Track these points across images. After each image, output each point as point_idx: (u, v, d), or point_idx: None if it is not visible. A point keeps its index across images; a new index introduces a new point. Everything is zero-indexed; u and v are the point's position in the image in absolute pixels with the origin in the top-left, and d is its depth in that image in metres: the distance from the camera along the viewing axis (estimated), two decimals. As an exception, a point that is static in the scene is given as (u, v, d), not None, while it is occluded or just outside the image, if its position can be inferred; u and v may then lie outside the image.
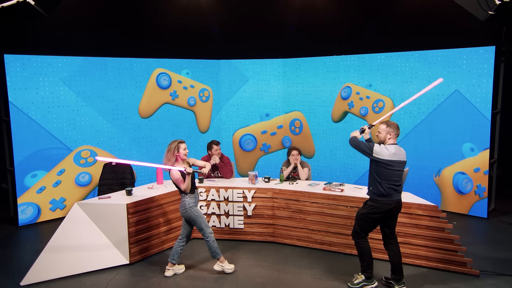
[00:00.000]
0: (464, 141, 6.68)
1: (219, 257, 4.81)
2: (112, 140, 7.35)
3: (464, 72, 6.59)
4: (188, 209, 4.66)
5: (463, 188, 6.75)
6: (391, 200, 4.22)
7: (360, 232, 4.37)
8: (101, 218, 5.09)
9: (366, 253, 4.37)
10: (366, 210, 4.33)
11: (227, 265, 4.84)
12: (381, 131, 4.33)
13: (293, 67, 8.24)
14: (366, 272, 4.41)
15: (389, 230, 4.38)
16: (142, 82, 7.58)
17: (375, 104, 7.39)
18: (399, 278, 4.37)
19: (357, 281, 4.45)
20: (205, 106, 8.34)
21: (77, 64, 6.93)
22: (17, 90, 6.45)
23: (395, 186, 4.22)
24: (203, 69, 8.21)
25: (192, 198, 4.69)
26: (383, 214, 4.25)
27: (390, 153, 4.19)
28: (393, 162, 4.18)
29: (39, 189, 6.74)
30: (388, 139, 4.30)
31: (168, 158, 4.60)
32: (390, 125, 4.30)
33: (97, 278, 4.81)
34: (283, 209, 5.56)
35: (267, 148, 8.55)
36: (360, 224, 4.36)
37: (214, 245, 4.73)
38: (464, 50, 6.57)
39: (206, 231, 4.70)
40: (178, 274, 4.87)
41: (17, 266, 5.19)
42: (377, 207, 4.25)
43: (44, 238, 5.94)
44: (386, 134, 4.30)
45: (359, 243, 4.38)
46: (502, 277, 4.67)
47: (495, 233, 6.12)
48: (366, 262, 4.39)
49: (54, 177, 6.85)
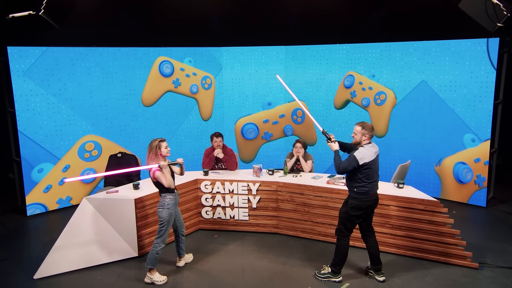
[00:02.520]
0: (465, 132, 6.76)
1: (152, 269, 4.66)
2: (116, 129, 7.40)
3: (466, 63, 6.61)
4: (165, 209, 4.58)
5: (463, 177, 6.86)
6: (372, 197, 4.42)
7: (344, 231, 4.53)
8: (109, 212, 5.19)
9: (343, 251, 4.55)
10: (348, 208, 4.48)
11: (157, 277, 4.66)
12: (357, 132, 4.47)
13: (296, 55, 8.23)
14: (335, 266, 4.60)
15: (366, 224, 4.59)
16: (145, 71, 7.59)
17: (377, 96, 7.43)
18: (377, 268, 4.61)
19: (323, 271, 4.68)
20: (207, 93, 8.36)
21: (79, 54, 6.92)
22: (20, 81, 6.46)
23: (375, 181, 4.44)
24: (205, 57, 8.20)
25: (171, 199, 4.62)
26: (365, 210, 4.45)
27: (371, 153, 4.37)
28: (375, 160, 4.39)
29: (46, 188, 6.84)
30: (363, 140, 4.45)
31: (150, 157, 4.57)
32: (364, 127, 4.45)
33: (107, 271, 4.95)
34: (288, 202, 5.67)
35: (269, 137, 8.62)
36: (344, 223, 4.52)
37: (155, 256, 4.60)
38: (469, 41, 6.58)
39: (160, 240, 4.59)
40: (188, 262, 5.07)
41: (29, 258, 5.33)
42: (358, 205, 4.42)
43: (53, 229, 6.09)
44: (362, 136, 4.44)
45: (341, 241, 4.55)
46: (500, 270, 4.82)
47: (494, 223, 6.26)
48: (339, 259, 4.57)
49: (59, 174, 6.92)
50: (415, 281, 4.62)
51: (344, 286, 4.56)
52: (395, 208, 5.07)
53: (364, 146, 4.42)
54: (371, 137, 4.45)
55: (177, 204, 4.78)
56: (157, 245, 4.60)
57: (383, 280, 4.57)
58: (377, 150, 4.46)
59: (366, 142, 4.43)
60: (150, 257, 4.62)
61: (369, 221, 4.59)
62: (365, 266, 4.85)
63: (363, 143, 4.43)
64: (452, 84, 6.76)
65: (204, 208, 5.94)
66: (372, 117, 7.56)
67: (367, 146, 4.41)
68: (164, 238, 4.62)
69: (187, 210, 5.81)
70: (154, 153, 4.57)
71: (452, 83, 6.77)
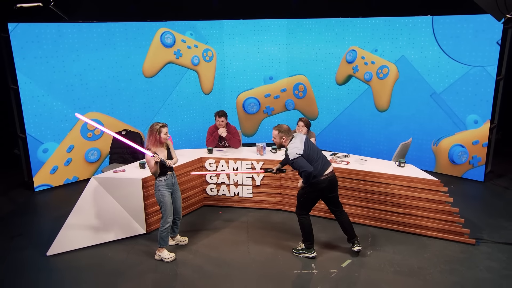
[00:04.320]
0: (469, 113, 6.77)
1: (161, 247, 4.83)
2: (118, 106, 7.43)
3: (474, 39, 6.58)
4: (157, 190, 4.73)
5: (458, 159, 6.98)
6: (324, 178, 4.59)
7: (303, 211, 4.79)
8: (117, 191, 5.32)
9: (307, 228, 4.79)
10: (303, 191, 4.71)
11: (166, 254, 4.84)
12: (275, 136, 4.74)
13: (298, 28, 8.16)
14: (306, 243, 4.85)
15: (330, 204, 4.84)
16: (147, 46, 7.54)
17: (380, 70, 7.43)
18: (353, 241, 4.85)
19: (299, 247, 4.94)
20: (209, 66, 8.32)
21: (83, 31, 6.86)
22: (23, 58, 6.43)
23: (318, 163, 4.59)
24: (206, 30, 8.12)
25: (163, 181, 4.71)
26: (319, 193, 4.68)
27: (299, 144, 4.56)
28: (306, 147, 4.57)
29: (52, 169, 6.94)
30: (283, 142, 4.70)
31: (150, 140, 4.67)
32: (280, 130, 4.69)
33: (117, 248, 5.13)
34: (291, 180, 5.80)
35: (270, 111, 8.66)
36: (301, 203, 4.77)
37: (163, 234, 4.76)
38: (470, 16, 6.52)
39: (165, 219, 4.75)
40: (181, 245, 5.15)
41: (40, 235, 5.51)
42: (311, 188, 4.63)
43: (61, 205, 6.26)
44: (280, 139, 4.71)
45: (301, 219, 4.79)
46: (496, 245, 5.02)
47: (491, 198, 6.42)
48: (306, 235, 4.81)
49: (64, 154, 7.01)
50: (414, 257, 4.81)
51: (345, 262, 4.75)
52: (396, 187, 5.20)
53: (289, 144, 4.63)
54: (290, 136, 4.67)
55: (173, 185, 4.81)
56: (161, 225, 4.77)
57: (358, 250, 4.81)
58: (302, 137, 4.67)
59: (287, 142, 4.67)
60: (159, 236, 4.79)
61: (333, 202, 4.81)
62: (364, 244, 5.03)
63: (286, 144, 4.67)
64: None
65: (209, 186, 6.07)
66: (374, 91, 7.59)
67: (291, 143, 4.62)
68: (166, 217, 4.75)
69: (192, 188, 5.95)
70: (154, 137, 4.65)
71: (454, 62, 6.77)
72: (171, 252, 4.90)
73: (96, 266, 4.78)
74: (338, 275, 4.54)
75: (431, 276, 4.47)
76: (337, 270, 4.62)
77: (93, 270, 4.72)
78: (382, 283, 4.40)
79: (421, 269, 4.60)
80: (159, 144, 4.71)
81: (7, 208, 6.33)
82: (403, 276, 4.50)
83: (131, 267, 4.75)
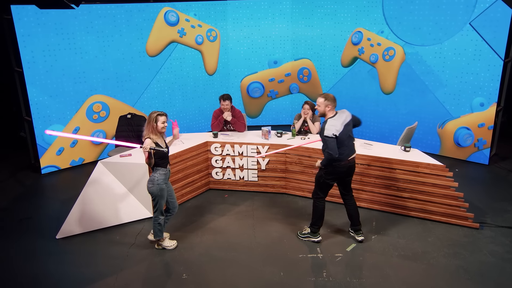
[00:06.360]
0: (475, 95, 6.73)
1: (159, 239, 4.82)
2: (124, 89, 7.42)
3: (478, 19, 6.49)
4: (155, 184, 4.56)
5: (463, 142, 6.97)
6: (345, 163, 4.59)
7: (320, 194, 4.79)
8: (124, 176, 5.37)
9: (319, 212, 4.82)
10: (322, 173, 4.69)
11: (167, 243, 4.85)
12: (320, 104, 4.61)
13: (303, 7, 8.05)
14: (313, 227, 4.89)
15: (344, 188, 4.83)
16: (151, 27, 7.49)
17: (386, 52, 7.35)
18: (357, 228, 4.89)
19: (304, 231, 4.99)
20: (213, 46, 8.24)
21: (87, 12, 6.79)
22: (26, 41, 6.39)
23: (347, 147, 4.58)
24: (210, 10, 8.02)
25: (162, 175, 4.58)
26: (338, 175, 4.67)
27: (339, 124, 4.49)
28: (344, 130, 4.51)
29: (58, 151, 6.98)
30: (328, 111, 4.59)
31: (147, 128, 4.54)
32: (327, 98, 4.58)
33: (125, 231, 5.21)
34: (296, 164, 5.83)
35: (275, 94, 8.64)
36: (319, 186, 4.76)
37: (158, 228, 4.72)
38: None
39: (158, 213, 4.66)
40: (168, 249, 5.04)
41: (48, 218, 5.59)
42: (331, 171, 4.62)
43: (68, 187, 6.34)
44: (325, 107, 4.58)
45: (317, 202, 4.81)
46: (499, 229, 5.07)
47: (495, 181, 6.44)
48: (316, 219, 4.85)
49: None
50: (418, 241, 4.87)
51: (350, 246, 4.82)
52: (401, 172, 5.22)
53: (330, 118, 4.56)
54: (334, 107, 4.60)
55: (167, 180, 4.70)
56: (156, 218, 4.69)
57: (361, 240, 4.86)
58: (345, 119, 4.58)
59: (331, 113, 4.59)
60: (154, 230, 4.76)
61: (346, 185, 4.82)
62: (368, 228, 5.10)
63: (329, 114, 4.60)
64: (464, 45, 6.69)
65: (214, 169, 6.11)
66: (380, 73, 7.53)
67: (333, 119, 4.54)
68: (161, 210, 4.68)
69: (198, 172, 5.99)
70: (151, 125, 4.53)
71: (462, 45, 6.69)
72: (172, 240, 4.92)
73: (105, 249, 4.87)
74: (343, 259, 4.61)
75: (435, 260, 4.54)
76: (342, 254, 4.69)
77: (102, 253, 4.81)
78: (386, 266, 4.47)
79: (425, 253, 4.67)
80: (155, 133, 4.54)
81: (16, 191, 6.40)
82: (407, 260, 4.56)
83: (140, 250, 4.84)
